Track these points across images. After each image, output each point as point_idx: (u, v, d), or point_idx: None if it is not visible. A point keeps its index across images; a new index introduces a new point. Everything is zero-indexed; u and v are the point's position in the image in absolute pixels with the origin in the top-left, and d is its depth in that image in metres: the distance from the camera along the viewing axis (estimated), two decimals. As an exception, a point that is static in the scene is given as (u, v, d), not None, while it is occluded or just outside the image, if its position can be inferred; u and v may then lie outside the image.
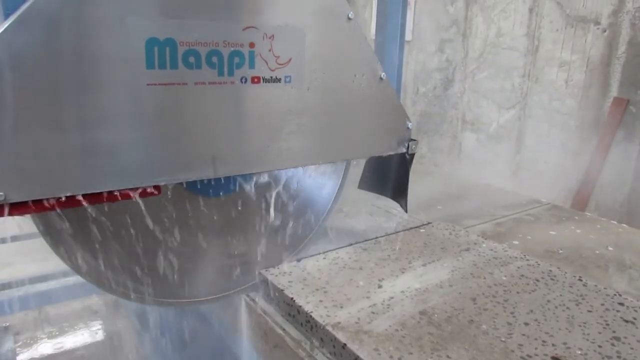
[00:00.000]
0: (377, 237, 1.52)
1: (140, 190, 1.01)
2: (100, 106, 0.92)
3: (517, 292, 1.23)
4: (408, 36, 4.54)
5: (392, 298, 1.18)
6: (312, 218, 1.40)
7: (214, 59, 1.02)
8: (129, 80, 0.94)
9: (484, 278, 1.30)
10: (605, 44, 3.25)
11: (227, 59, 1.04)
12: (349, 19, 1.19)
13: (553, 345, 1.03)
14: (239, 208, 1.26)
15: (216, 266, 1.28)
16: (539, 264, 1.38)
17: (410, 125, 1.38)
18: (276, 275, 1.28)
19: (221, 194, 1.24)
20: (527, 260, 1.40)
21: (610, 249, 1.61)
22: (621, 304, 1.20)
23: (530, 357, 0.99)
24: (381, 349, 1.00)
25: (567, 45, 3.45)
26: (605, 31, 3.23)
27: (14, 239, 3.08)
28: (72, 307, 3.69)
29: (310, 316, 1.11)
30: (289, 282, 1.24)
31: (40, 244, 1.07)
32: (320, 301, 1.16)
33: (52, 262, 1.10)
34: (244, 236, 1.30)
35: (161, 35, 0.95)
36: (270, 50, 1.08)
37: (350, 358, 1.00)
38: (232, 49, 1.04)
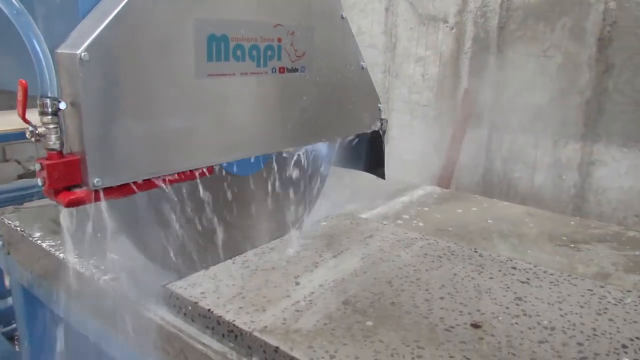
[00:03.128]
0: (281, 237, 1.49)
1: (200, 171, 1.16)
2: (176, 96, 1.06)
3: (426, 270, 1.29)
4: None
5: (312, 293, 1.16)
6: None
7: (254, 52, 1.20)
8: (195, 71, 1.08)
9: (393, 261, 1.33)
10: (454, 40, 3.57)
11: (263, 52, 1.22)
12: (342, 17, 1.42)
13: (469, 313, 1.10)
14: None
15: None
16: (437, 242, 1.46)
17: (380, 106, 1.62)
18: (185, 288, 1.18)
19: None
20: (427, 239, 1.48)
21: (490, 221, 1.77)
22: (514, 267, 1.32)
23: (453, 327, 1.04)
24: (315, 345, 0.97)
25: (421, 42, 3.73)
26: (453, 29, 3.55)
27: None
28: None
29: (234, 325, 1.04)
30: (202, 293, 1.16)
31: None
32: (241, 308, 1.10)
33: None
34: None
35: (218, 32, 1.11)
36: (291, 45, 1.29)
37: (284, 360, 0.96)
38: (266, 43, 1.22)
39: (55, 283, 1.51)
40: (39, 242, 1.54)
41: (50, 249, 1.50)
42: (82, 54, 0.89)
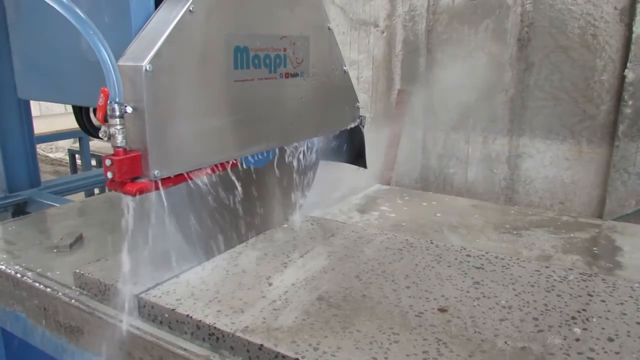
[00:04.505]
0: (246, 242, 1.51)
1: (233, 162, 1.37)
2: (213, 99, 1.26)
3: (390, 263, 1.36)
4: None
5: (286, 292, 1.20)
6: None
7: (267, 60, 1.39)
8: (226, 78, 1.28)
9: (358, 257, 1.40)
10: (385, 43, 3.71)
11: (273, 60, 1.41)
12: (329, 29, 1.62)
13: (435, 299, 1.18)
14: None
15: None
16: (396, 236, 1.54)
17: (359, 104, 1.82)
18: (160, 296, 1.18)
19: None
20: (386, 234, 1.56)
21: (439, 215, 1.88)
22: (468, 255, 1.42)
23: (422, 313, 1.12)
24: (298, 340, 1.01)
25: (354, 46, 3.85)
26: (383, 32, 3.70)
27: None
28: None
29: (215, 328, 1.06)
30: (177, 300, 1.17)
31: None
32: (219, 311, 1.12)
33: None
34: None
35: (241, 44, 1.30)
36: (293, 53, 1.48)
37: (270, 357, 0.99)
38: (276, 52, 1.42)
39: (8, 303, 1.45)
40: (-13, 262, 1.47)
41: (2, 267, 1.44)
42: (147, 66, 1.06)
